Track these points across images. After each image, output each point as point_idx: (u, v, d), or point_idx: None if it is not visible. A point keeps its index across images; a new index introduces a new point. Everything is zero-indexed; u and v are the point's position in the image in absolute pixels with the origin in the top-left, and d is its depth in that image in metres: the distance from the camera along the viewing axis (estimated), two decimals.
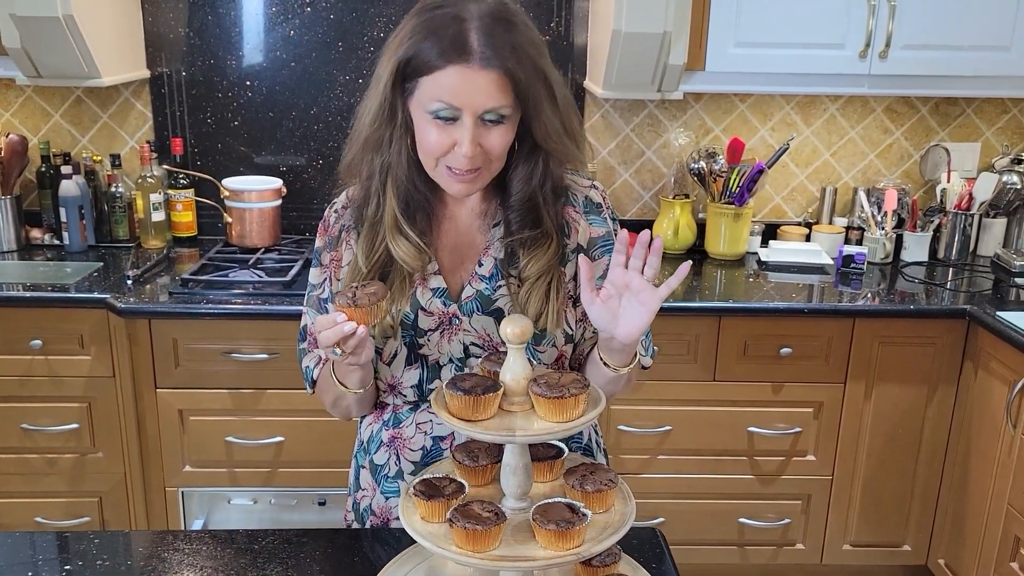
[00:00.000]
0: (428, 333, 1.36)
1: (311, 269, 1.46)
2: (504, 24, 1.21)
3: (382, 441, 1.43)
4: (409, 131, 1.29)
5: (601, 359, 1.30)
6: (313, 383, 1.45)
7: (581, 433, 1.46)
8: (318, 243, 1.44)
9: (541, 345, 1.35)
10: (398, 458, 1.41)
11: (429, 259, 1.35)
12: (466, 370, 1.36)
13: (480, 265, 1.37)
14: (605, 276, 1.25)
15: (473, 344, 1.36)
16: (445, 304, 1.36)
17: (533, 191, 1.33)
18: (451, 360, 1.37)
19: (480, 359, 1.30)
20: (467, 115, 1.21)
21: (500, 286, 1.35)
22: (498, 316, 1.35)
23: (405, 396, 1.40)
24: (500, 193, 1.37)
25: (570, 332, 1.37)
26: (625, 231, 1.22)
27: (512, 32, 1.22)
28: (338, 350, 1.18)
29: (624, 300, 1.20)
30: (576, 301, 1.36)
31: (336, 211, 1.42)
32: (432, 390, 1.38)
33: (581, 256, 1.23)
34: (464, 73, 1.20)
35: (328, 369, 1.34)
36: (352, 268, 1.36)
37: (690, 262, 1.24)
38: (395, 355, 1.38)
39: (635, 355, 1.30)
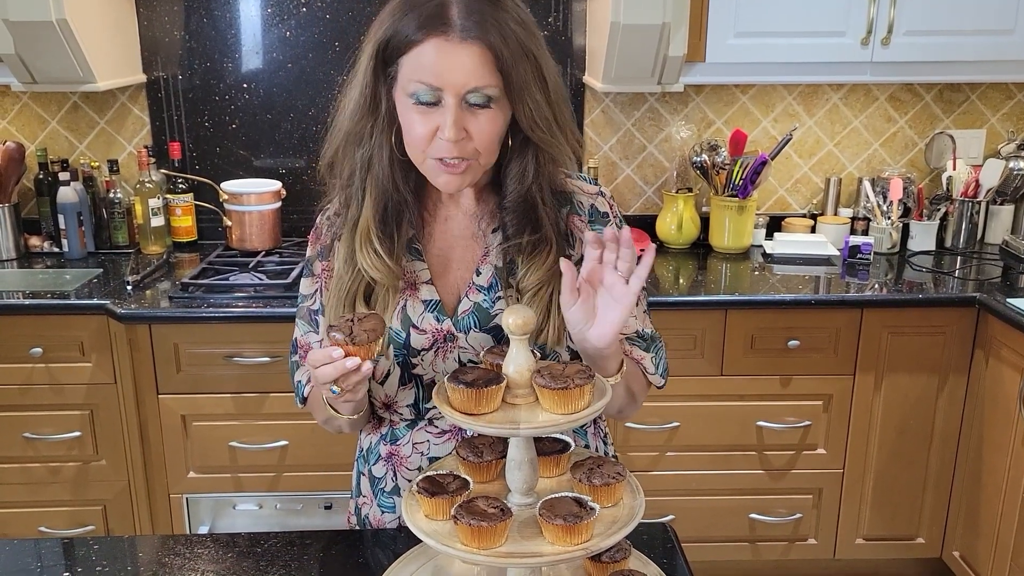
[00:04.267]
0: (422, 353, 1.29)
1: (302, 279, 1.40)
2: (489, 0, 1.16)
3: (380, 455, 1.39)
4: (393, 125, 1.23)
5: None
6: (304, 399, 1.40)
7: (587, 435, 1.42)
8: (310, 252, 1.38)
9: None
10: (395, 474, 1.38)
11: (398, 277, 1.27)
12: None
13: (478, 274, 1.30)
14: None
15: (471, 361, 1.30)
16: (438, 320, 1.29)
17: (528, 191, 1.25)
18: None
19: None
20: (449, 95, 1.15)
21: (499, 298, 1.28)
22: (496, 335, 1.28)
23: (401, 414, 1.35)
24: (498, 194, 1.30)
25: (575, 348, 1.27)
26: (594, 233, 1.15)
27: (497, 7, 1.15)
28: (336, 387, 1.12)
29: (599, 298, 1.15)
30: None
31: (328, 218, 1.34)
32: (429, 408, 1.33)
33: (563, 259, 1.15)
34: (443, 47, 1.13)
35: (319, 392, 1.26)
36: (335, 276, 1.30)
37: (653, 246, 1.16)
38: (388, 374, 1.32)
39: (620, 364, 1.23)
